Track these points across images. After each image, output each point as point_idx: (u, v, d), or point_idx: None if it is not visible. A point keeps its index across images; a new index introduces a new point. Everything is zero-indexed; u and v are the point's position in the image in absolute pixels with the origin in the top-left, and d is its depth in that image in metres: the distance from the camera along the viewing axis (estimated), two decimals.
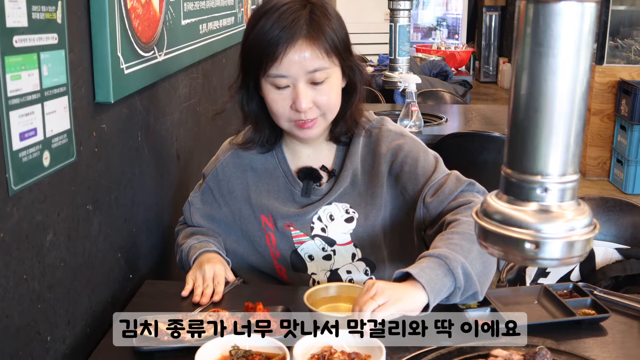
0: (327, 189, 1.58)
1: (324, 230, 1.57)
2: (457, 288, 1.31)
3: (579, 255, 0.91)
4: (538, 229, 0.88)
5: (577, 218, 0.89)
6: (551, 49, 0.83)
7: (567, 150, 0.87)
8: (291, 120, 1.47)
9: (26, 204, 1.14)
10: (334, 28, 1.43)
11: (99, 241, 1.46)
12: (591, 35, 0.84)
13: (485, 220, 0.93)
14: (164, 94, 1.92)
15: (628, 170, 5.33)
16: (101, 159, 1.46)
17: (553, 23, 0.82)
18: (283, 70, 1.40)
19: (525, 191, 0.89)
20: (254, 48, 1.42)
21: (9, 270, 1.09)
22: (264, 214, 1.58)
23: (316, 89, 1.43)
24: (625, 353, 1.27)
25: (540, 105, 0.85)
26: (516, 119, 0.88)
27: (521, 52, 0.85)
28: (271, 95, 1.45)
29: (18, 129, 1.09)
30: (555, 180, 0.88)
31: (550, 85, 0.84)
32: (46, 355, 1.23)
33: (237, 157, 1.62)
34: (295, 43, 1.38)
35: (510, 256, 0.92)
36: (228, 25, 2.76)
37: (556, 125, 0.85)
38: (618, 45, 5.69)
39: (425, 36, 10.38)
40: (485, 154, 3.04)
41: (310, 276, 1.58)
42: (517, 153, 0.89)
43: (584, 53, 0.84)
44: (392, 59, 3.99)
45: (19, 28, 1.09)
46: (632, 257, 1.88)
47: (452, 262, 1.30)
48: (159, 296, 1.52)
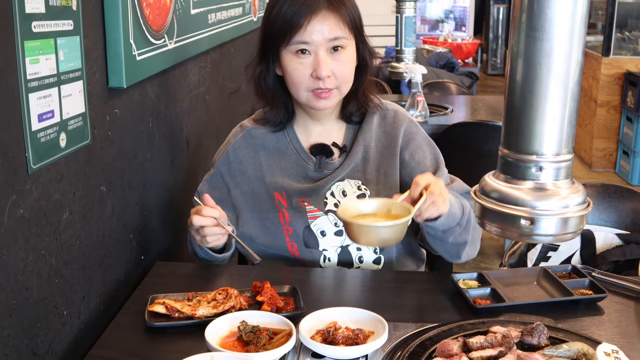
0: (339, 163, 1.65)
1: (336, 206, 1.62)
2: (458, 225, 1.49)
3: (573, 232, 0.95)
4: (533, 206, 0.92)
5: (571, 196, 0.93)
6: (545, 33, 0.87)
7: (561, 130, 0.91)
8: (310, 90, 1.56)
9: (44, 182, 1.19)
10: (352, 4, 1.57)
11: (112, 222, 1.51)
12: (584, 21, 0.88)
13: (483, 199, 0.97)
14: (174, 81, 1.96)
15: (634, 162, 5.34)
16: (114, 142, 1.51)
17: (547, 8, 0.86)
18: (307, 37, 1.51)
19: (521, 170, 0.94)
20: (278, 19, 1.53)
21: (28, 245, 1.14)
22: (278, 191, 1.64)
23: (335, 59, 1.54)
24: (621, 331, 1.31)
25: (535, 87, 0.90)
26: (512, 101, 0.92)
27: (517, 36, 0.90)
28: (292, 64, 1.54)
29: (37, 110, 1.14)
30: (550, 160, 0.92)
31: (544, 69, 0.88)
32: (62, 328, 1.28)
33: (250, 138, 1.69)
34: (319, 12, 1.51)
35: (507, 232, 0.97)
36: (236, 15, 2.80)
37: (550, 107, 0.90)
38: (625, 37, 5.69)
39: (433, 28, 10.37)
40: (490, 144, 3.07)
41: (322, 252, 1.63)
42: (513, 134, 0.94)
43: (577, 37, 0.88)
44: (398, 50, 4.02)
45: (37, 14, 1.13)
46: (632, 242, 1.92)
47: (466, 209, 1.52)
48: (170, 277, 1.57)
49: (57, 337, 1.26)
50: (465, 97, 4.40)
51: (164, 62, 1.78)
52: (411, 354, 1.18)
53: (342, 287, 1.54)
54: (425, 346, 1.20)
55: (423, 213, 1.39)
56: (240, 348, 1.19)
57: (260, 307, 1.34)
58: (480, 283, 1.47)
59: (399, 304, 1.43)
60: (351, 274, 1.58)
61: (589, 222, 2.03)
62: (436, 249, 1.60)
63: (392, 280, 1.55)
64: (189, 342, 1.25)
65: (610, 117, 5.69)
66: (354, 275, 1.57)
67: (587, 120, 5.97)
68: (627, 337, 1.28)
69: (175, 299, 1.37)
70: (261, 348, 1.17)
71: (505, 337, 1.16)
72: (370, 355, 1.19)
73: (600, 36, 5.80)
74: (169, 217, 1.95)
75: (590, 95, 5.86)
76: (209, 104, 2.41)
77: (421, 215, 1.40)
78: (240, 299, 1.37)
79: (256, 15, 3.33)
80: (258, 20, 3.39)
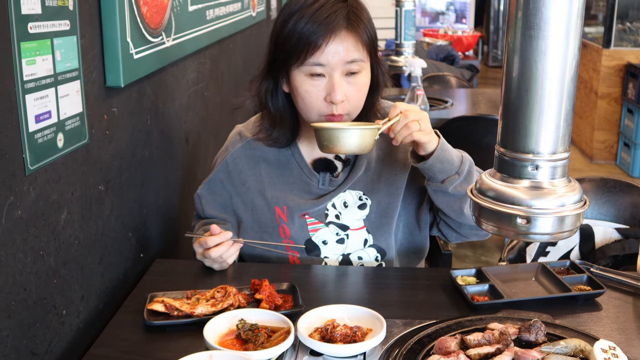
0: (342, 178, 1.61)
1: (337, 217, 1.60)
2: (457, 174, 1.47)
3: (569, 230, 0.95)
4: (530, 205, 0.92)
5: (568, 194, 0.93)
6: (541, 32, 0.87)
7: (557, 129, 0.91)
8: (322, 114, 1.48)
9: (42, 183, 1.19)
10: (368, 19, 1.49)
11: (111, 220, 1.51)
12: (580, 18, 0.87)
13: (479, 197, 0.97)
14: (173, 78, 1.96)
15: (635, 154, 5.34)
16: (112, 141, 1.51)
17: (543, 6, 0.86)
18: (323, 59, 1.43)
19: (518, 169, 0.94)
20: (293, 36, 1.43)
21: (27, 245, 1.15)
22: (279, 206, 1.60)
23: (350, 83, 1.47)
24: (618, 327, 1.31)
25: (531, 86, 0.89)
26: (508, 99, 0.92)
27: (512, 34, 0.89)
28: (305, 86, 1.47)
29: (33, 111, 1.14)
30: (546, 158, 0.92)
31: (540, 67, 0.88)
32: (61, 328, 1.29)
33: (249, 149, 1.63)
34: (339, 33, 1.43)
35: (503, 231, 0.97)
36: (235, 11, 2.80)
37: (546, 105, 0.89)
38: (625, 28, 5.68)
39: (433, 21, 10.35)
40: (489, 137, 3.07)
41: (323, 259, 1.62)
42: (509, 132, 0.94)
43: (573, 35, 0.87)
44: (397, 43, 4.00)
45: (33, 15, 1.13)
46: (631, 236, 1.92)
47: (465, 159, 1.50)
48: (169, 274, 1.57)
49: (57, 336, 1.27)
50: (466, 90, 4.40)
51: (161, 60, 1.78)
52: (409, 351, 1.18)
53: (340, 284, 1.54)
54: (422, 343, 1.20)
55: (397, 136, 1.41)
56: (238, 346, 1.20)
57: (258, 305, 1.35)
58: (479, 279, 1.47)
59: (397, 301, 1.44)
60: (349, 271, 1.58)
61: (588, 216, 2.04)
62: (441, 208, 1.54)
63: (390, 277, 1.55)
64: (187, 340, 1.25)
65: (611, 109, 5.69)
66: (352, 273, 1.57)
67: (587, 112, 5.96)
68: (625, 333, 1.29)
69: (174, 297, 1.38)
70: (259, 346, 1.18)
71: (502, 334, 1.16)
72: (368, 352, 1.19)
73: (601, 27, 5.79)
74: (168, 214, 1.95)
75: (591, 87, 5.85)
76: (208, 100, 2.41)
77: (396, 138, 1.41)
78: (239, 297, 1.37)
79: (255, 10, 3.32)
80: (257, 15, 3.38)
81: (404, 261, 1.66)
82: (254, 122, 1.66)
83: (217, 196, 1.65)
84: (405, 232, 1.65)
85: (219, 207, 1.66)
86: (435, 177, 1.48)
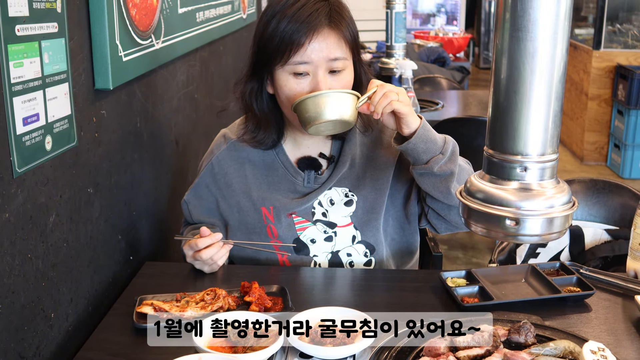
0: (327, 175, 1.62)
1: (324, 215, 1.60)
2: (441, 153, 1.47)
3: (558, 231, 0.95)
4: (518, 206, 0.92)
5: (556, 196, 0.94)
6: (529, 34, 0.87)
7: (545, 130, 0.91)
8: None
9: (30, 186, 1.18)
10: (350, 18, 1.52)
11: (100, 223, 1.51)
12: (568, 20, 0.88)
13: (468, 199, 0.97)
14: (162, 81, 1.96)
15: (625, 155, 5.36)
16: (101, 144, 1.50)
17: (530, 8, 0.86)
18: (306, 57, 1.45)
19: (506, 170, 0.94)
20: (275, 37, 1.46)
21: (14, 249, 1.14)
22: (265, 207, 1.60)
23: (334, 80, 1.49)
24: (607, 328, 1.32)
25: (519, 87, 0.90)
26: (497, 101, 0.93)
27: (500, 36, 0.90)
28: (289, 85, 1.48)
29: (21, 114, 1.13)
30: (535, 160, 0.92)
31: (528, 69, 0.88)
32: (50, 331, 1.28)
33: (234, 150, 1.64)
34: (321, 31, 1.45)
35: (492, 233, 0.97)
36: (225, 13, 2.79)
37: (535, 107, 0.90)
38: (615, 30, 5.70)
39: (424, 23, 10.37)
40: (480, 139, 3.08)
41: (312, 258, 1.62)
42: (498, 134, 0.94)
43: (561, 37, 0.88)
44: (388, 45, 4.01)
45: (20, 17, 1.13)
46: (621, 237, 1.92)
47: (448, 139, 1.50)
48: (159, 277, 1.57)
49: (45, 339, 1.26)
50: (457, 92, 4.41)
51: (151, 63, 1.78)
52: (398, 353, 1.18)
53: (330, 286, 1.54)
54: (412, 345, 1.20)
55: (377, 106, 1.40)
56: (228, 349, 1.19)
57: (248, 308, 1.34)
58: (469, 281, 1.47)
59: (387, 303, 1.44)
60: (339, 273, 1.57)
61: (578, 217, 2.04)
62: (429, 191, 1.52)
63: (380, 279, 1.55)
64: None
65: (602, 111, 5.71)
66: (342, 275, 1.57)
67: (578, 113, 5.98)
68: (614, 334, 1.29)
69: (164, 299, 1.37)
70: (249, 349, 1.17)
71: (492, 336, 1.16)
72: (357, 354, 1.19)
73: (591, 29, 5.81)
74: (158, 216, 1.95)
75: (581, 88, 5.87)
76: (198, 102, 2.40)
77: (376, 110, 1.40)
78: (229, 300, 1.37)
79: (245, 12, 3.32)
80: (248, 17, 3.38)
81: (397, 259, 1.66)
82: (238, 124, 1.67)
83: (204, 201, 1.66)
84: (396, 227, 1.65)
85: (206, 212, 1.66)
86: (420, 158, 1.47)
